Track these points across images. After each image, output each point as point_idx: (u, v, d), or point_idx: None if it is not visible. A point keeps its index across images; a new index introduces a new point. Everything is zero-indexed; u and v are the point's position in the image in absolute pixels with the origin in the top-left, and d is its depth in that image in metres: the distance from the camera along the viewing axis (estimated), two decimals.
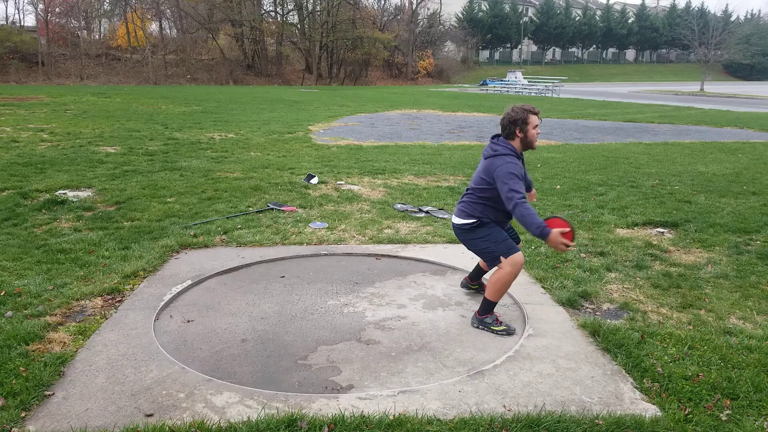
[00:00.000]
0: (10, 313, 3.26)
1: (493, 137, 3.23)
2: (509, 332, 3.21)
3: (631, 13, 76.93)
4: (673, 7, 79.28)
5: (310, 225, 5.31)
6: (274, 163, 8.69)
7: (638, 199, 6.55)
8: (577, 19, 71.83)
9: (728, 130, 15.28)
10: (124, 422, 2.32)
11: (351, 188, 6.97)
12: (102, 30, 47.81)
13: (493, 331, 3.22)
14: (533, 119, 3.10)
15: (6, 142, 9.94)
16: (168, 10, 47.23)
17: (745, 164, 9.23)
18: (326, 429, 2.27)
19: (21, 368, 2.65)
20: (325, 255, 4.53)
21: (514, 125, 3.11)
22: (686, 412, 2.45)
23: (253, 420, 2.33)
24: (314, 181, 7.24)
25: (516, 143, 3.17)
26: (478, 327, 3.27)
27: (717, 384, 2.65)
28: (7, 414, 2.32)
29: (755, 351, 2.98)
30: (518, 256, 3.13)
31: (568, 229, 2.91)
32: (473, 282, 3.80)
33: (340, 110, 19.71)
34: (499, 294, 3.19)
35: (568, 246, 2.90)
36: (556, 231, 2.88)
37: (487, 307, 3.25)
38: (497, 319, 3.26)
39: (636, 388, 2.65)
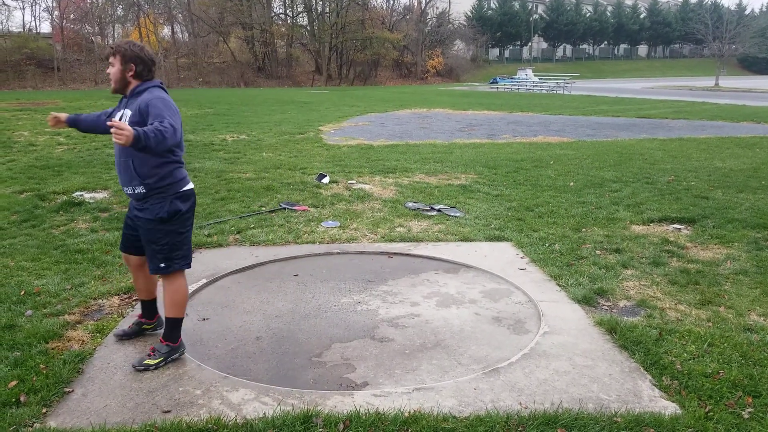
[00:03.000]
0: (30, 311, 3.32)
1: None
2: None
3: (642, 8, 75.88)
4: (686, 1, 78.05)
5: (322, 224, 5.32)
6: (286, 163, 8.73)
7: (654, 195, 6.47)
8: (587, 15, 71.01)
9: (745, 124, 15.02)
10: (142, 418, 2.34)
11: (362, 187, 6.97)
12: (115, 35, 48.33)
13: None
14: None
15: (24, 146, 10.12)
16: (180, 15, 47.70)
17: (763, 159, 9.06)
18: (341, 426, 2.27)
19: (41, 365, 2.70)
20: (338, 253, 4.53)
21: None
22: (707, 409, 2.41)
23: (269, 416, 2.34)
24: (326, 180, 7.25)
25: None
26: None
27: (738, 381, 2.60)
28: (28, 410, 2.36)
29: None
30: None
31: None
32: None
33: (350, 110, 19.74)
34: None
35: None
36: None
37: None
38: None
39: (655, 385, 2.61)
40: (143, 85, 2.71)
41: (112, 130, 2.31)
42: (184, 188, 2.77)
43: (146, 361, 2.74)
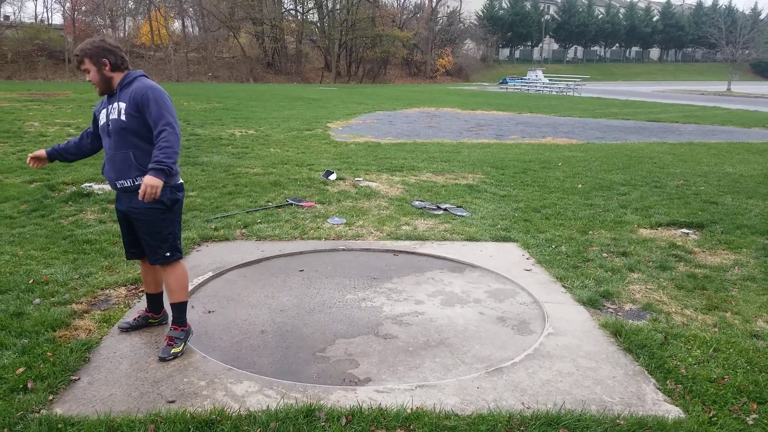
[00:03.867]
0: (38, 300, 3.35)
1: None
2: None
3: (655, 11, 75.37)
4: (700, 5, 77.45)
5: (328, 220, 5.33)
6: (293, 159, 8.75)
7: (662, 199, 6.43)
8: (599, 17, 70.66)
9: (756, 130, 14.89)
10: (147, 408, 2.37)
11: (369, 185, 6.98)
12: (126, 28, 48.68)
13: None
14: None
15: (34, 137, 10.20)
16: (191, 9, 47.89)
17: None
18: (344, 420, 2.28)
19: (48, 353, 2.73)
20: (343, 250, 4.54)
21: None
22: (711, 414, 2.40)
23: (272, 409, 2.35)
24: (332, 177, 7.27)
25: None
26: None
27: (743, 387, 2.59)
28: (35, 396, 2.39)
29: None
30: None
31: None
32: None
33: (359, 108, 19.74)
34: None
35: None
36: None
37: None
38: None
39: (659, 389, 2.60)
40: (130, 76, 2.72)
41: (144, 198, 2.53)
42: (180, 181, 2.85)
43: (173, 350, 2.78)
